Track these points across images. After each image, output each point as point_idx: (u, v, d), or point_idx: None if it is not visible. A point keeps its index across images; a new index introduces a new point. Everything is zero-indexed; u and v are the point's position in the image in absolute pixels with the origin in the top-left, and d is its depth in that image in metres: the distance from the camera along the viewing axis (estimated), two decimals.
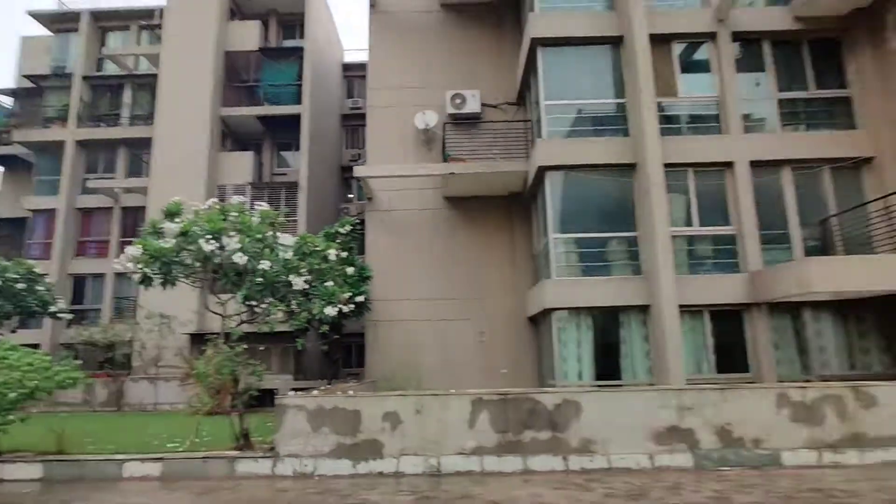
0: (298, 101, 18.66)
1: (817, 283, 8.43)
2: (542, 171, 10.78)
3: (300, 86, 18.79)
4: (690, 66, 11.20)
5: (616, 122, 10.99)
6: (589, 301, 10.07)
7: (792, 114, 11.00)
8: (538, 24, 11.17)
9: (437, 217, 13.04)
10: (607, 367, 10.05)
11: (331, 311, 9.35)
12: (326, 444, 6.76)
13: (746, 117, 10.88)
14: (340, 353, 17.01)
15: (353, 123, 23.81)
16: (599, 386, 9.57)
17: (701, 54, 11.22)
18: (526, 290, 12.34)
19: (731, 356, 9.92)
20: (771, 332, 9.87)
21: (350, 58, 25.53)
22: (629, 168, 10.54)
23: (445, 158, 12.65)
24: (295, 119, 18.39)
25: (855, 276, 8.55)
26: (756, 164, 10.46)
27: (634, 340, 10.11)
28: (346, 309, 10.84)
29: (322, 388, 9.89)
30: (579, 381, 9.91)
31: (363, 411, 6.87)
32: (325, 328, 9.92)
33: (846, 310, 9.97)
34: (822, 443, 6.68)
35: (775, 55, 11.17)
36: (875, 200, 9.84)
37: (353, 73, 24.80)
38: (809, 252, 10.20)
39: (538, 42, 11.18)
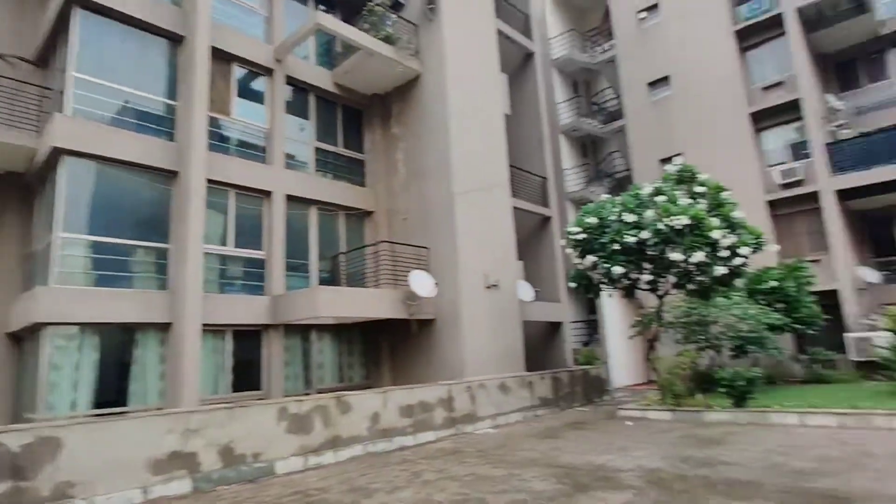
0: None
1: (323, 308, 9.92)
2: (59, 153, 8.82)
3: None
4: (247, 92, 11.59)
5: (163, 124, 10.16)
6: (99, 316, 8.68)
7: (324, 162, 12.82)
8: None
9: None
10: (113, 392, 8.83)
11: None
12: None
13: (290, 156, 12.01)
14: None
15: None
16: (98, 415, 8.28)
17: (258, 85, 11.80)
18: (10, 299, 9.62)
19: (248, 375, 10.39)
20: (284, 351, 10.91)
21: None
22: (170, 175, 9.88)
23: None
24: None
25: (349, 305, 10.52)
26: (291, 199, 11.62)
27: (149, 361, 9.28)
28: None
29: None
30: (72, 411, 8.31)
31: None
32: None
33: (341, 332, 12.11)
34: (309, 448, 7.72)
35: (318, 108, 12.89)
36: (368, 246, 12.43)
37: None
38: (322, 282, 11.94)
39: (77, 1, 9.30)
